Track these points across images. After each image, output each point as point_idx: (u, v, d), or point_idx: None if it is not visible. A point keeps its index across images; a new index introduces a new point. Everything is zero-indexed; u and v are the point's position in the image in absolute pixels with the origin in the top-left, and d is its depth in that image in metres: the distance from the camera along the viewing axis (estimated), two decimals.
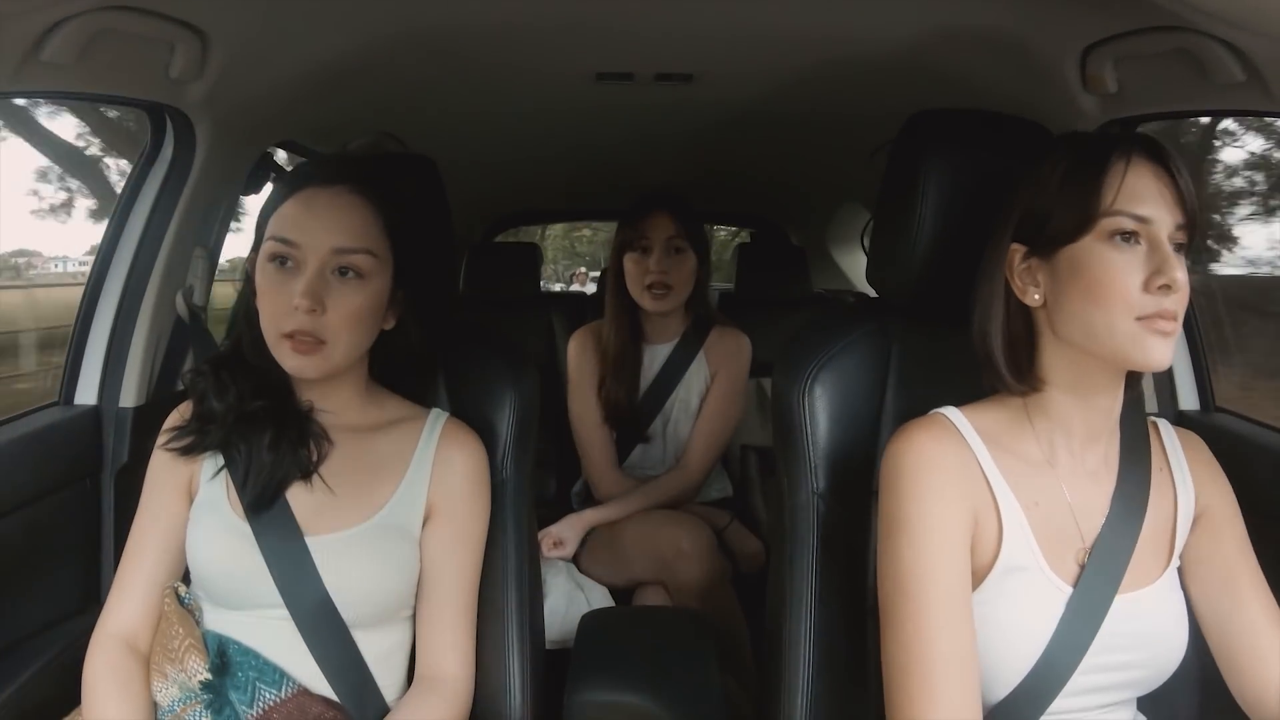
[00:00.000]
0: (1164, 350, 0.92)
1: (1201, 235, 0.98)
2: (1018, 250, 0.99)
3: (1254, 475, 1.28)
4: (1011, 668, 0.96)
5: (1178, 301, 0.92)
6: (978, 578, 0.98)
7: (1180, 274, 0.90)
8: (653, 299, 2.09)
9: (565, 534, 2.04)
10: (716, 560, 1.91)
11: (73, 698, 1.13)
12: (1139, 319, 0.91)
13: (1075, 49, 1.38)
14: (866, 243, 1.34)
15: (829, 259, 3.83)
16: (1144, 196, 0.92)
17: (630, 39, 1.68)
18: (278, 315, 1.09)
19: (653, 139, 2.57)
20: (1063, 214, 0.95)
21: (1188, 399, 1.62)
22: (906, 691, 0.92)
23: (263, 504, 1.12)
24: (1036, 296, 0.99)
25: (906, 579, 0.94)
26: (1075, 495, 1.01)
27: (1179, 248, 0.94)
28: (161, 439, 1.18)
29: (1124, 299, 0.91)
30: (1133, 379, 1.02)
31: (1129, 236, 0.92)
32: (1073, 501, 1.01)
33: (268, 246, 1.10)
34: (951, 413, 1.02)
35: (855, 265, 3.81)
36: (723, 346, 2.18)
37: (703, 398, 2.16)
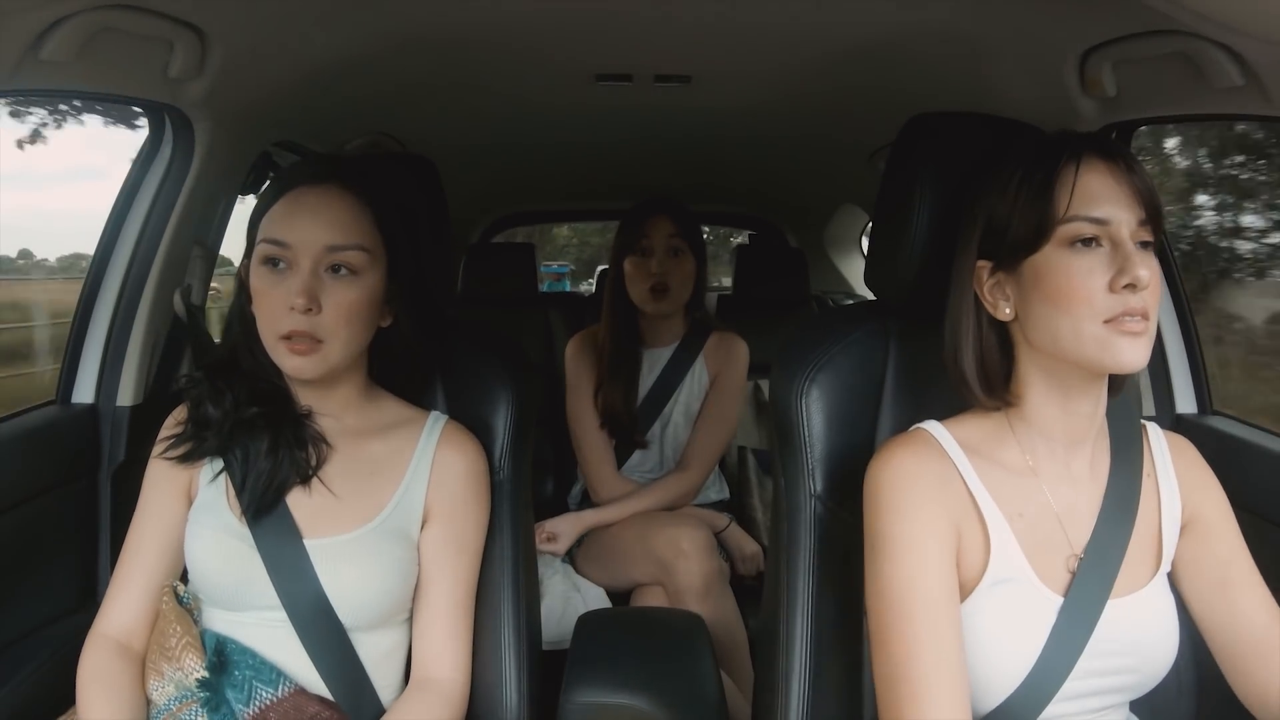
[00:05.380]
0: (1134, 351, 0.90)
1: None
2: (984, 266, 0.99)
3: (1251, 477, 1.28)
4: (1004, 677, 0.96)
5: (1146, 299, 0.90)
6: (966, 590, 0.97)
7: (1144, 271, 0.89)
8: (653, 300, 2.09)
9: (560, 528, 2.04)
10: (715, 561, 1.91)
11: (69, 695, 1.13)
12: (1106, 322, 0.90)
13: (1074, 52, 1.39)
14: (865, 245, 1.34)
15: (827, 261, 3.83)
16: (1100, 197, 0.91)
17: (629, 41, 1.68)
18: (274, 317, 1.09)
19: (651, 140, 2.58)
20: (1020, 225, 0.94)
21: (1185, 402, 1.62)
22: (896, 704, 0.92)
23: (262, 509, 1.12)
24: (1008, 311, 0.98)
25: (890, 595, 0.94)
26: (1061, 502, 1.01)
27: (1145, 244, 0.93)
28: (158, 448, 1.18)
29: (1088, 303, 0.90)
30: (1116, 381, 1.01)
31: (1089, 241, 0.91)
32: (1059, 509, 1.00)
33: (260, 249, 1.10)
34: (933, 427, 1.02)
35: (853, 267, 3.81)
36: (722, 350, 2.18)
37: (702, 401, 2.17)
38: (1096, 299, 0.90)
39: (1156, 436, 1.08)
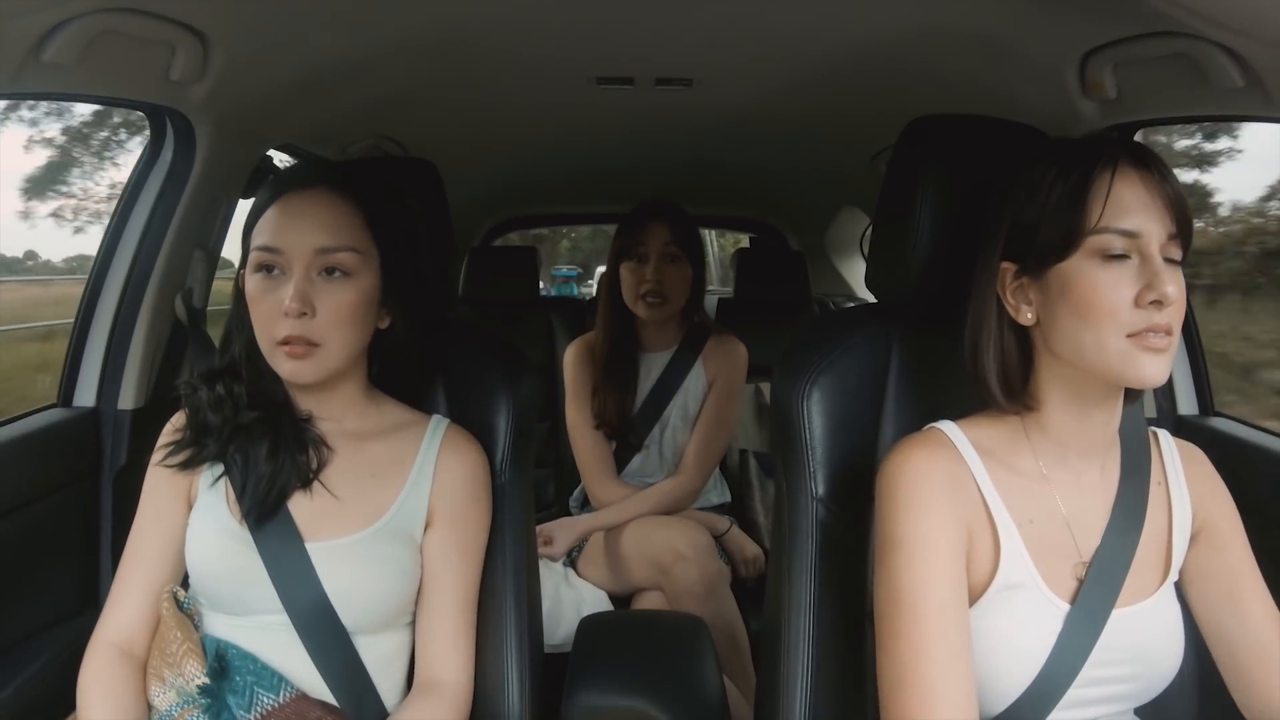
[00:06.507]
0: (1157, 367, 0.90)
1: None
2: (1009, 268, 0.98)
3: (1252, 480, 1.28)
4: (1008, 684, 0.96)
5: (1171, 315, 0.89)
6: (974, 594, 0.97)
7: (1172, 288, 0.88)
8: (647, 307, 2.09)
9: (556, 533, 2.04)
10: (715, 564, 1.91)
11: (71, 699, 1.12)
12: (1130, 336, 0.89)
13: (1075, 54, 1.39)
14: (866, 248, 1.34)
15: (828, 264, 3.83)
16: (1132, 209, 0.90)
17: (630, 44, 1.68)
18: (269, 323, 1.09)
19: (653, 143, 2.58)
20: (1050, 231, 0.93)
21: (1186, 404, 1.62)
22: (902, 705, 0.91)
23: (263, 514, 1.11)
24: (1030, 315, 0.97)
25: (901, 594, 0.94)
26: (1071, 509, 1.00)
27: (1173, 258, 0.92)
28: (157, 455, 1.18)
29: (1113, 316, 0.89)
30: (1131, 391, 1.01)
31: (1119, 252, 0.90)
32: (1068, 516, 1.00)
33: (253, 257, 1.10)
34: (948, 427, 1.02)
35: (854, 270, 3.81)
36: (720, 353, 2.18)
37: (700, 405, 2.16)
38: (1121, 313, 0.89)
39: (1168, 444, 1.08)
